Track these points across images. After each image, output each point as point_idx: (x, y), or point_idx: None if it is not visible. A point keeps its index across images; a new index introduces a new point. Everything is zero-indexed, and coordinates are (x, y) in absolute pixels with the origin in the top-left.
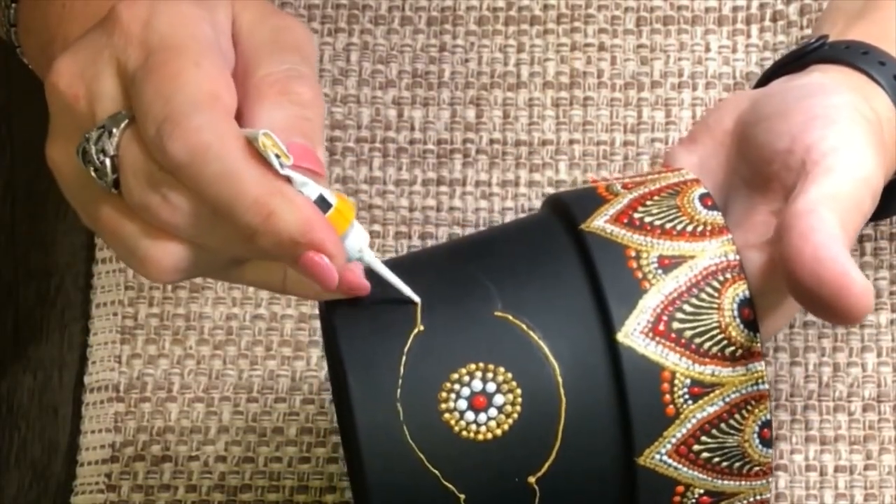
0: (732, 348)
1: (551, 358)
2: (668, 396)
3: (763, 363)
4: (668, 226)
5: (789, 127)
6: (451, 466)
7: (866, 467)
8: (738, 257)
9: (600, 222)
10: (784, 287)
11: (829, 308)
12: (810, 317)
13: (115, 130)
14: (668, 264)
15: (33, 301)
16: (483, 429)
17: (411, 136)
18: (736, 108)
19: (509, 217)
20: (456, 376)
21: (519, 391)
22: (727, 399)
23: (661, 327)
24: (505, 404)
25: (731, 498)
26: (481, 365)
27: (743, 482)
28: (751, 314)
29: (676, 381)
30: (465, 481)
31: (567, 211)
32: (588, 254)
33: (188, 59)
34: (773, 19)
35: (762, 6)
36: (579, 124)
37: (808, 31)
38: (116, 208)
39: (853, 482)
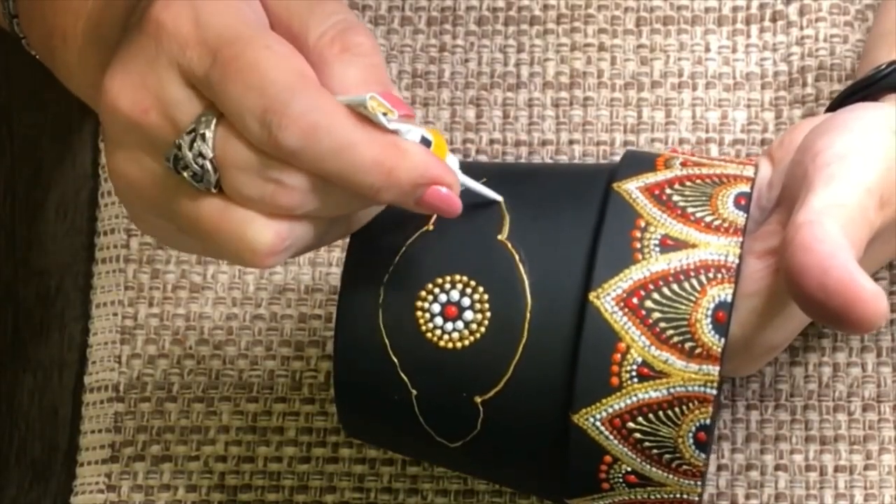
0: (693, 344)
1: (528, 294)
2: (615, 367)
3: (718, 369)
4: (690, 210)
5: (807, 141)
6: (410, 361)
7: (866, 467)
8: (736, 261)
9: (632, 186)
10: (781, 300)
11: (842, 319)
12: None
13: (207, 133)
14: (668, 245)
15: (33, 301)
16: (446, 337)
17: None
18: (804, 131)
19: None
20: (440, 280)
21: (489, 314)
22: (672, 390)
23: (634, 301)
24: (472, 322)
25: (658, 487)
26: (465, 279)
27: (671, 475)
28: (725, 318)
29: (629, 356)
30: (420, 379)
31: (617, 166)
32: (603, 211)
33: (258, 45)
34: (773, 19)
35: (762, 6)
36: (579, 124)
37: (808, 32)
38: (215, 206)
39: (853, 482)
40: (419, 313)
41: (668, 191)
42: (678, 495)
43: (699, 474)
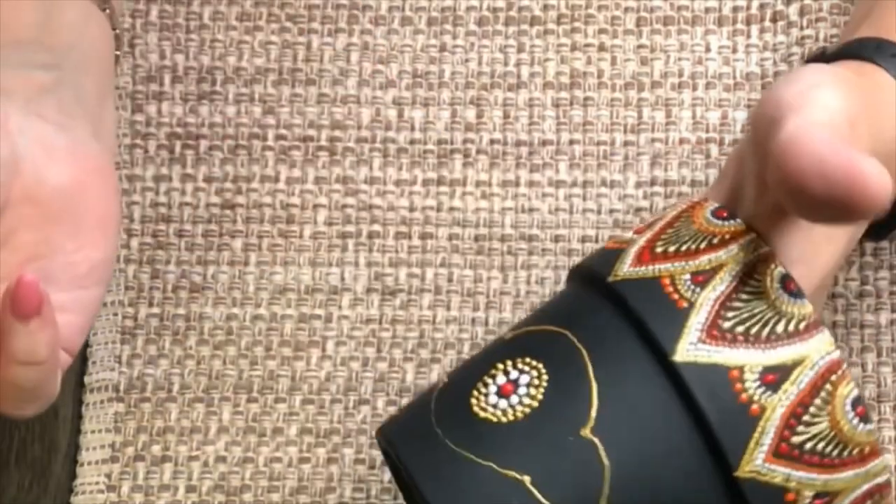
0: (785, 322)
1: (591, 372)
2: (744, 395)
3: (826, 332)
4: (693, 246)
5: (755, 110)
6: (502, 453)
7: None
8: (767, 248)
9: (625, 269)
10: (816, 251)
11: (848, 204)
12: None
13: None
14: (703, 280)
15: None
16: (519, 408)
17: (411, 137)
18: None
19: (509, 217)
20: (480, 383)
21: (543, 368)
22: (805, 378)
23: (714, 334)
24: (532, 379)
25: (843, 493)
26: (500, 365)
27: (848, 471)
28: (794, 285)
29: (747, 374)
30: (521, 461)
31: (591, 274)
32: (624, 302)
33: None
34: (773, 20)
35: (762, 6)
36: (579, 124)
37: (808, 32)
38: None
39: None
40: (481, 414)
41: (658, 249)
42: (865, 486)
43: (876, 451)
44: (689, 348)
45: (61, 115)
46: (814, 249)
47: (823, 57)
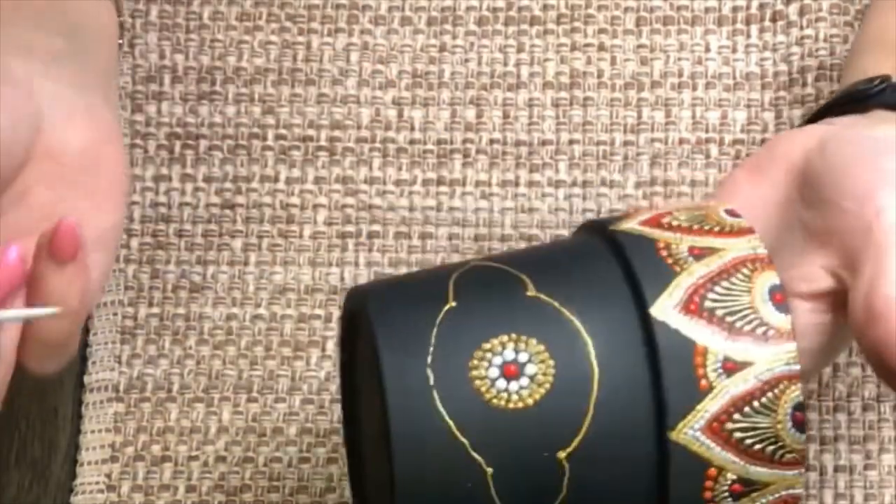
0: (764, 328)
1: (584, 332)
2: (701, 370)
3: (795, 345)
4: (696, 226)
5: (859, 187)
6: (480, 436)
7: (866, 467)
8: (766, 252)
9: (631, 224)
10: (833, 348)
11: None
12: None
13: None
14: (699, 253)
15: None
16: (515, 397)
17: (411, 136)
18: (804, 145)
19: (509, 217)
20: (488, 346)
21: (551, 362)
22: (759, 377)
23: (693, 306)
24: (537, 374)
25: (762, 490)
26: (513, 336)
27: (776, 469)
28: (783, 299)
29: (710, 356)
30: (493, 452)
31: (598, 223)
32: (620, 247)
33: None
34: (773, 19)
35: (762, 6)
36: (579, 124)
37: (808, 32)
38: None
39: (853, 482)
40: (478, 383)
41: (665, 220)
42: (782, 492)
43: (802, 461)
44: (668, 309)
45: (76, 80)
46: (825, 341)
47: (881, 97)
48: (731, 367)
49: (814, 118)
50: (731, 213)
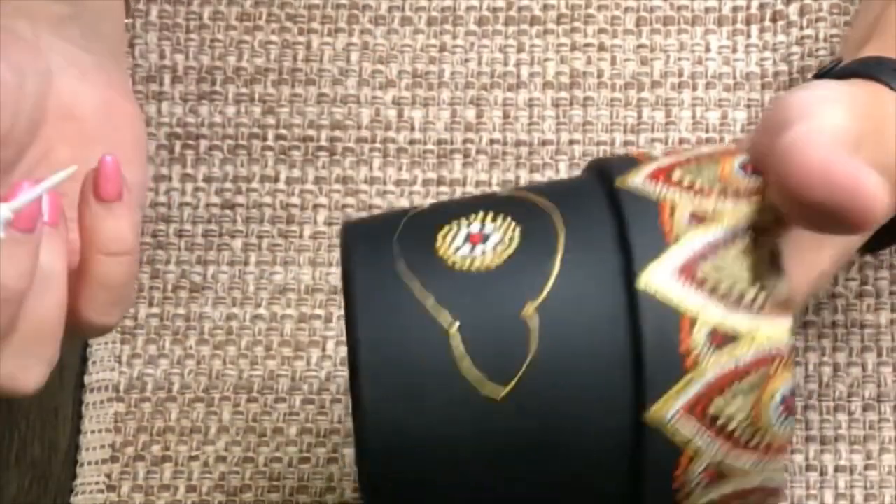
0: (756, 293)
1: (556, 213)
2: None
3: (788, 324)
4: (706, 186)
5: (773, 102)
6: (445, 291)
7: (866, 467)
8: (772, 217)
9: (638, 179)
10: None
11: (845, 211)
12: (810, 316)
13: None
14: (698, 222)
15: None
16: (478, 262)
17: (411, 136)
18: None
19: None
20: (455, 221)
21: (518, 228)
22: (748, 356)
23: (689, 273)
24: (501, 242)
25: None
26: (482, 213)
27: (751, 457)
28: (782, 263)
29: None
30: (459, 305)
31: (606, 171)
32: (619, 207)
33: None
34: (773, 19)
35: (762, 6)
36: (579, 124)
37: (808, 31)
38: None
39: (853, 482)
40: (442, 251)
41: (674, 175)
42: (759, 479)
43: (783, 450)
44: (657, 278)
45: (84, 42)
46: (799, 258)
47: (831, 74)
48: (718, 341)
49: None
50: (745, 167)
